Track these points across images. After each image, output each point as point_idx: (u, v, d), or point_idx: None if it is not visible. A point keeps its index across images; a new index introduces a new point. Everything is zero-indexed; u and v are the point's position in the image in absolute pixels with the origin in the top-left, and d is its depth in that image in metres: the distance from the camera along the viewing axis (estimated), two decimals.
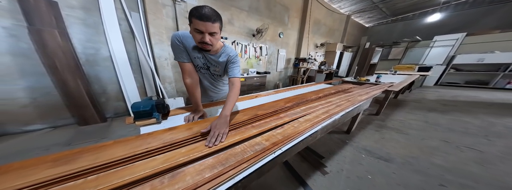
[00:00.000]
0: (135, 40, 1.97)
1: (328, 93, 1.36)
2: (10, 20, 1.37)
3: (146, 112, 0.72)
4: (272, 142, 0.63)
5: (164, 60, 2.24)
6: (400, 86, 1.82)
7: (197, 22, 0.56)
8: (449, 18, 5.34)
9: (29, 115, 1.58)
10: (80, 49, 1.72)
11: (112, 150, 0.50)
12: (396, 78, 2.69)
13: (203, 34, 0.60)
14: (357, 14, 5.74)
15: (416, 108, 2.71)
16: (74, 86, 1.66)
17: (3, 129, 1.49)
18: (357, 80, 2.32)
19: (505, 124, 1.97)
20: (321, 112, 0.94)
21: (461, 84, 4.77)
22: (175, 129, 0.68)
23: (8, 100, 1.47)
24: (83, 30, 1.69)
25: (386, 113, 2.41)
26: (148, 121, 0.73)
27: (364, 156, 1.36)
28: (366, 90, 1.55)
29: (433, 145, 1.53)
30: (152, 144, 0.54)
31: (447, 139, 1.63)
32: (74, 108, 1.72)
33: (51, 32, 1.49)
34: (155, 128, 0.71)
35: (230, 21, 2.90)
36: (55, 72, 1.56)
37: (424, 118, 2.23)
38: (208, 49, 0.69)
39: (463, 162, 1.25)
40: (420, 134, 1.75)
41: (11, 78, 1.45)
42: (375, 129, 1.88)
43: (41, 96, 1.59)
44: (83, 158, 0.45)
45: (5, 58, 1.40)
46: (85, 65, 1.77)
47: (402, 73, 3.53)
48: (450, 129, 1.88)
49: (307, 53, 4.83)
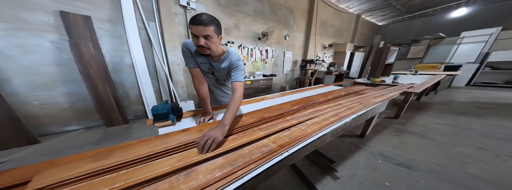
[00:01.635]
0: (152, 47, 2.17)
1: (337, 95, 1.33)
2: (56, 35, 1.61)
3: (163, 114, 0.79)
4: (279, 144, 0.64)
5: (177, 66, 2.41)
6: (422, 87, 1.68)
7: (191, 27, 0.61)
8: (476, 12, 4.81)
9: (68, 117, 1.82)
10: (108, 58, 1.94)
11: (137, 148, 0.57)
12: (417, 79, 2.49)
13: (198, 38, 0.63)
14: (368, 13, 5.50)
15: (444, 111, 2.44)
16: (103, 92, 1.87)
17: (46, 130, 1.74)
18: (371, 82, 2.20)
19: None
20: (330, 114, 0.92)
21: (500, 84, 4.15)
22: (188, 130, 0.74)
23: (51, 105, 1.72)
24: (110, 41, 1.92)
25: (407, 116, 2.22)
26: (165, 122, 0.80)
27: (381, 161, 1.27)
28: (381, 92, 1.47)
29: (465, 152, 1.36)
30: (169, 144, 0.59)
31: (483, 146, 1.44)
32: (102, 111, 1.93)
33: (86, 44, 1.72)
34: (171, 129, 0.78)
35: (236, 26, 3.00)
36: (88, 79, 1.78)
37: (453, 122, 2.00)
38: (207, 53, 0.71)
39: (505, 173, 1.09)
40: (449, 140, 1.57)
41: (54, 85, 1.70)
42: (394, 133, 1.74)
43: (77, 100, 1.83)
44: (115, 155, 0.52)
45: (51, 69, 1.65)
46: (112, 72, 1.99)
47: (425, 73, 3.24)
48: (486, 135, 1.65)
49: (315, 55, 4.74)
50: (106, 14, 1.83)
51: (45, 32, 1.55)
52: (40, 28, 1.52)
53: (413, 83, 1.97)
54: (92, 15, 1.74)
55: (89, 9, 1.73)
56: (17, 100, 1.54)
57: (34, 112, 1.64)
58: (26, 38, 1.48)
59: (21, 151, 1.42)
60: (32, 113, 1.63)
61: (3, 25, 1.39)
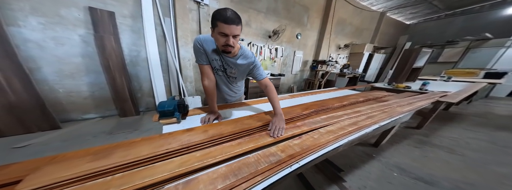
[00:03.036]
0: (166, 43, 2.20)
1: (354, 101, 1.20)
2: (84, 29, 1.71)
3: (169, 111, 0.77)
4: (289, 154, 0.58)
5: (187, 61, 2.43)
6: (459, 96, 1.45)
7: (222, 25, 0.57)
8: None
9: (88, 106, 1.96)
10: (126, 52, 2.02)
11: (139, 147, 0.55)
12: (450, 86, 2.19)
13: (227, 37, 0.61)
14: (395, 10, 4.95)
15: (478, 124, 2.14)
16: (119, 83, 1.97)
17: (69, 116, 1.88)
18: (392, 87, 1.99)
19: None
20: (347, 123, 0.83)
21: None
22: (192, 130, 0.71)
23: (76, 93, 1.85)
24: (130, 36, 1.99)
25: (432, 127, 1.98)
26: (170, 120, 0.78)
27: (396, 174, 1.15)
28: (407, 100, 1.31)
29: (503, 172, 1.18)
30: (172, 145, 0.57)
31: None
32: (118, 101, 2.03)
33: (108, 38, 1.80)
34: (175, 127, 0.76)
35: (247, 23, 2.95)
36: (108, 71, 1.88)
37: (490, 137, 1.74)
38: (230, 51, 0.69)
39: None
40: (482, 157, 1.37)
41: (79, 75, 1.82)
42: (414, 145, 1.57)
43: (97, 90, 1.95)
44: (116, 153, 0.51)
45: (78, 60, 1.77)
46: (129, 65, 2.07)
47: (460, 80, 2.85)
48: None
49: (328, 55, 4.47)
50: (128, 10, 1.90)
51: (76, 26, 1.67)
52: (72, 23, 1.65)
53: (446, 92, 1.73)
54: (116, 11, 1.82)
55: (115, 6, 1.82)
56: (46, 87, 1.68)
57: (60, 98, 1.78)
58: (60, 31, 1.61)
59: (45, 135, 1.55)
60: (58, 99, 1.77)
61: (42, 20, 1.52)
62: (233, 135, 0.68)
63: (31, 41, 1.52)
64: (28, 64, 1.51)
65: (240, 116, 0.90)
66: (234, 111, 0.99)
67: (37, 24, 1.51)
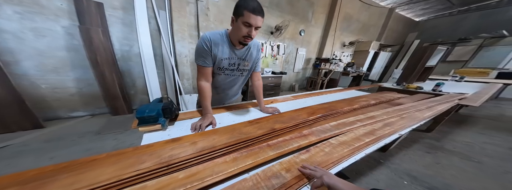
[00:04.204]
0: (161, 37, 2.05)
1: (366, 104, 1.07)
2: (68, 20, 1.57)
3: (152, 117, 0.64)
4: (295, 174, 0.46)
5: (184, 57, 2.29)
6: (480, 99, 1.30)
7: (249, 15, 0.56)
8: None
9: (75, 103, 1.84)
10: (117, 46, 1.88)
11: (99, 169, 0.42)
12: (464, 87, 2.04)
13: (250, 28, 0.59)
14: (405, 6, 4.66)
15: (492, 127, 2.02)
16: (109, 79, 1.83)
17: (55, 113, 1.77)
18: (403, 88, 1.85)
19: None
20: (362, 132, 0.70)
21: None
22: (178, 141, 0.58)
23: (61, 89, 1.73)
24: (121, 29, 1.84)
25: (443, 130, 1.86)
26: (152, 127, 0.65)
27: (407, 182, 1.06)
28: (425, 103, 1.17)
29: None
30: (145, 164, 0.44)
31: None
32: (108, 98, 1.91)
33: (96, 31, 1.65)
34: (158, 136, 0.64)
35: None
36: (96, 66, 1.74)
37: (507, 142, 1.62)
38: (247, 43, 0.68)
39: None
40: (501, 165, 1.26)
41: (64, 70, 1.69)
42: (426, 150, 1.46)
43: (85, 86, 1.82)
44: (59, 180, 0.38)
45: (62, 53, 1.63)
46: (120, 60, 1.93)
47: (474, 80, 2.69)
48: None
49: (332, 53, 4.27)
50: (119, 1, 1.74)
51: (58, 17, 1.52)
52: (54, 12, 1.50)
53: (463, 93, 1.59)
54: (105, 2, 1.67)
55: None
56: (25, 83, 1.55)
57: (44, 95, 1.66)
58: (40, 22, 1.47)
59: (26, 135, 1.44)
60: (42, 96, 1.65)
61: (18, 8, 1.37)
62: (227, 148, 0.56)
63: (7, 32, 1.38)
64: (3, 57, 1.38)
65: (237, 121, 0.78)
66: (232, 114, 0.87)
67: (12, 13, 1.36)
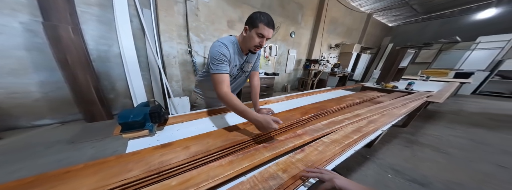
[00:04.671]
0: (145, 37, 1.92)
1: (352, 103, 1.14)
2: (28, 15, 1.38)
3: (137, 122, 0.59)
4: (292, 174, 0.46)
5: (172, 59, 2.19)
6: (443, 96, 1.50)
7: (264, 27, 0.61)
8: (498, 15, 4.44)
9: (41, 109, 1.61)
10: (92, 46, 1.71)
11: (77, 181, 0.37)
12: (430, 86, 2.32)
13: (263, 38, 0.64)
14: (381, 12, 5.20)
15: (455, 121, 2.31)
16: (83, 82, 1.65)
17: (15, 122, 1.53)
18: (382, 87, 2.02)
19: None
20: (350, 129, 0.74)
21: (506, 94, 4.03)
22: (168, 146, 0.55)
23: (22, 94, 1.50)
24: (97, 27, 1.68)
25: (416, 125, 2.08)
26: (138, 133, 0.60)
27: (391, 176, 1.14)
28: (400, 101, 1.30)
29: (485, 170, 1.24)
30: (132, 173, 0.40)
31: (503, 164, 1.31)
32: (82, 103, 1.71)
33: (65, 28, 1.48)
34: (146, 141, 0.59)
35: (241, 19, 2.79)
36: (65, 67, 1.55)
37: (467, 134, 1.87)
38: (255, 52, 0.74)
39: None
40: (465, 155, 1.44)
41: (25, 72, 1.47)
42: (404, 144, 1.60)
43: (52, 90, 1.61)
44: None
45: (21, 53, 1.42)
46: (96, 61, 1.76)
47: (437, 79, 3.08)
48: (506, 151, 1.52)
49: (320, 55, 4.51)
50: None
51: (15, 11, 1.33)
52: (10, 6, 1.31)
53: (430, 91, 1.80)
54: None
55: None
56: None
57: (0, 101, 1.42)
58: None
59: None
60: None
61: None
62: (222, 151, 0.54)
63: None
64: None
65: (232, 123, 0.76)
66: (226, 117, 0.85)
67: None
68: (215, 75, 0.64)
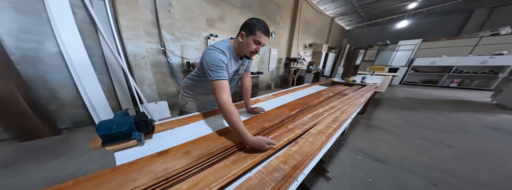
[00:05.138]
0: (99, 34, 1.59)
1: (327, 96, 1.34)
2: None
3: (123, 133, 0.53)
4: (292, 165, 0.53)
5: (141, 59, 1.91)
6: (384, 87, 1.96)
7: (261, 35, 0.64)
8: (411, 25, 6.19)
9: None
10: (11, 43, 1.29)
11: None
12: (375, 79, 2.93)
13: (259, 45, 0.67)
14: (340, 17, 6.14)
15: (392, 106, 2.99)
16: (3, 90, 1.23)
17: None
18: (345, 81, 2.42)
19: (464, 120, 2.29)
20: (330, 120, 0.88)
21: (418, 83, 5.57)
22: (166, 153, 0.52)
23: None
24: (15, 18, 1.27)
25: (369, 111, 2.59)
26: (125, 144, 0.54)
27: (361, 157, 1.36)
28: (359, 92, 1.60)
29: (416, 142, 1.63)
30: (139, 182, 0.37)
31: (424, 136, 1.77)
32: (6, 118, 1.28)
33: None
34: (138, 151, 0.54)
35: (221, 17, 2.71)
36: None
37: (402, 116, 2.44)
38: (250, 58, 0.79)
39: (443, 160, 1.34)
40: (403, 133, 1.85)
41: None
42: (364, 129, 1.96)
43: None
44: None
45: None
46: (21, 63, 1.35)
47: (379, 74, 3.90)
48: (424, 126, 2.08)
49: (297, 53, 4.92)
50: None
51: None
52: None
53: (376, 83, 2.29)
54: None
55: None
56: None
57: None
58: None
59: None
60: None
61: None
62: (224, 152, 0.55)
63: None
64: None
65: (227, 124, 0.77)
66: (219, 119, 0.85)
67: None
68: (215, 82, 0.61)
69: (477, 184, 1.09)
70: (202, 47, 2.60)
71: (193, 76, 0.84)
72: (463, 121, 2.27)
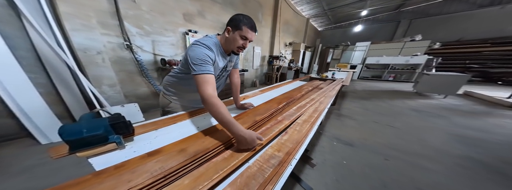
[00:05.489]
0: (23, 20, 1.23)
1: (307, 90, 1.48)
2: None
3: (97, 136, 0.46)
4: (285, 152, 0.58)
5: (96, 55, 1.59)
6: (347, 80, 2.31)
7: (248, 30, 0.63)
8: (364, 30, 7.57)
9: None
10: None
11: None
12: (342, 75, 3.38)
13: (246, 41, 0.66)
14: (314, 18, 6.71)
15: (354, 97, 3.55)
16: None
17: None
18: (320, 77, 2.69)
19: (399, 105, 2.96)
20: (311, 110, 0.99)
21: (369, 78, 6.97)
22: (158, 153, 0.49)
23: None
24: None
25: (339, 102, 3.00)
26: (102, 148, 0.47)
27: (335, 143, 1.57)
28: (331, 86, 1.82)
29: (372, 126, 2.00)
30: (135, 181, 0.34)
31: (376, 120, 2.20)
32: None
33: None
34: (120, 155, 0.48)
35: (200, 13, 2.55)
36: None
37: (361, 105, 2.95)
38: (238, 54, 0.75)
39: (390, 138, 1.69)
40: (363, 119, 2.24)
41: None
42: (336, 118, 2.27)
43: None
44: None
45: None
46: None
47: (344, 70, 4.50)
48: (375, 111, 2.58)
49: (279, 51, 5.15)
50: None
51: None
52: None
53: (342, 78, 2.65)
54: None
55: None
56: None
57: None
58: None
59: None
60: None
61: None
62: (221, 146, 0.56)
63: None
64: None
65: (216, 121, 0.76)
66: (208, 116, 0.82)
67: None
68: (198, 76, 0.58)
69: (410, 154, 1.42)
70: (179, 43, 2.40)
71: (177, 73, 0.78)
72: (398, 106, 2.93)
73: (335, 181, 1.08)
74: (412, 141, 1.66)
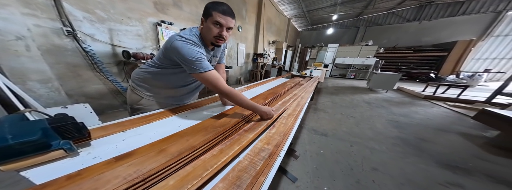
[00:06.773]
0: None
1: (290, 86, 1.53)
2: None
3: (33, 143, 0.34)
4: (274, 144, 0.58)
5: (15, 41, 1.20)
6: (322, 78, 2.54)
7: (218, 15, 0.57)
8: (334, 33, 8.59)
9: None
10: None
11: None
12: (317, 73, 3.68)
13: (222, 28, 0.60)
14: (294, 18, 7.02)
15: (326, 92, 3.98)
16: None
17: None
18: (300, 74, 2.85)
19: (357, 99, 3.48)
20: (294, 105, 1.02)
21: (337, 76, 8.01)
22: (130, 156, 0.41)
23: None
24: None
25: (315, 98, 3.28)
26: (43, 157, 0.35)
27: (314, 135, 1.72)
28: (310, 82, 1.95)
29: (338, 117, 2.31)
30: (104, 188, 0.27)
31: (342, 112, 2.53)
32: None
33: None
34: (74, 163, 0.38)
35: (176, 3, 2.27)
36: None
37: (331, 99, 3.33)
38: (220, 45, 0.69)
39: (352, 127, 1.98)
40: (333, 111, 2.56)
41: None
42: (313, 111, 2.48)
43: None
44: None
45: None
46: None
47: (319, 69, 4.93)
48: (341, 105, 2.96)
49: (263, 49, 5.17)
50: None
51: None
52: None
53: (318, 75, 2.90)
54: None
55: None
56: None
57: None
58: None
59: None
60: None
61: None
62: (208, 143, 0.51)
63: None
64: None
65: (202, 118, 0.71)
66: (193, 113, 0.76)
67: None
68: (204, 74, 0.59)
69: (366, 139, 1.69)
70: (148, 35, 2.09)
71: (151, 67, 0.68)
72: (356, 99, 3.47)
73: (315, 169, 1.18)
74: (366, 128, 1.99)
